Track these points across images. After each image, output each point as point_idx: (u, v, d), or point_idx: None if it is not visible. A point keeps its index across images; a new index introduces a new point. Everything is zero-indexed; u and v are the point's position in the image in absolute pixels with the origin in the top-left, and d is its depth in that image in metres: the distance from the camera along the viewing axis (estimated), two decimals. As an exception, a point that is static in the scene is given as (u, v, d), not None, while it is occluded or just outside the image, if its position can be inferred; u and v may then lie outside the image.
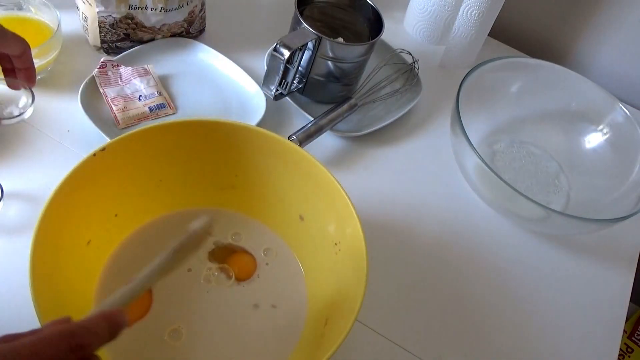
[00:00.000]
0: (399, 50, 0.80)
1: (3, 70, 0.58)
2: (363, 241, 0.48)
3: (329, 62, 0.70)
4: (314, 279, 0.56)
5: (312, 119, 0.71)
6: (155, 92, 0.70)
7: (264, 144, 0.54)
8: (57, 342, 0.32)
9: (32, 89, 0.60)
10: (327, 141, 0.73)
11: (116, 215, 0.53)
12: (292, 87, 0.72)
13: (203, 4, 0.76)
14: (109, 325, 0.34)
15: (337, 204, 0.51)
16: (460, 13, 0.81)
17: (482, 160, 0.64)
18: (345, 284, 0.50)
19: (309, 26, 0.67)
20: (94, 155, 0.48)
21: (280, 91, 0.70)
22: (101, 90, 0.68)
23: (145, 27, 0.72)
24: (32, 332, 0.33)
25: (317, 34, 0.67)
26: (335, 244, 0.53)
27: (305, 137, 0.67)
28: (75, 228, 0.49)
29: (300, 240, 0.57)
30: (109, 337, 0.34)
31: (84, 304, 0.50)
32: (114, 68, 0.70)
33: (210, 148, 0.55)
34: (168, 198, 0.57)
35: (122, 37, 0.72)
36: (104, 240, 0.53)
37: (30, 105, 0.59)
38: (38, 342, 0.32)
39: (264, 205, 0.59)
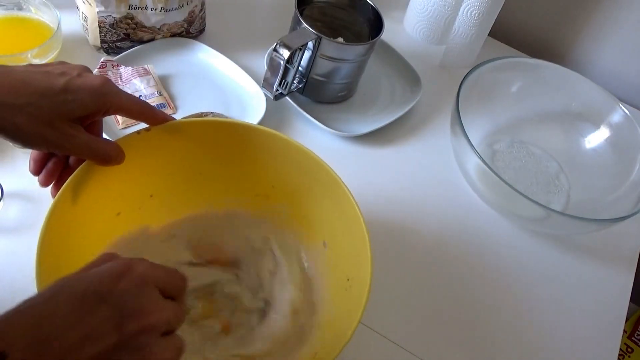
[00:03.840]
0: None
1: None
2: (367, 243, 0.48)
3: (329, 62, 0.70)
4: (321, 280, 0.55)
5: (313, 119, 0.71)
6: (156, 92, 0.70)
7: (302, 160, 0.53)
8: (175, 272, 0.39)
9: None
10: (327, 141, 0.73)
11: (118, 214, 0.53)
12: (292, 87, 0.72)
13: (203, 4, 0.76)
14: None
15: (343, 205, 0.51)
16: (460, 13, 0.81)
17: (482, 160, 0.64)
18: (348, 284, 0.50)
19: (309, 26, 0.67)
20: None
21: (280, 91, 0.70)
22: (101, 90, 0.68)
23: (145, 27, 0.72)
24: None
25: (317, 34, 0.67)
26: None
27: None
28: (82, 224, 0.49)
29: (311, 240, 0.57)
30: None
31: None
32: (114, 68, 0.70)
33: (249, 154, 0.55)
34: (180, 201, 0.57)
35: (122, 37, 0.72)
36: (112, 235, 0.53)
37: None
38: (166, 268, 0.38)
39: (293, 221, 0.58)
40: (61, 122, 0.42)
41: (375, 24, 0.73)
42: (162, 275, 0.37)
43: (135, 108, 0.47)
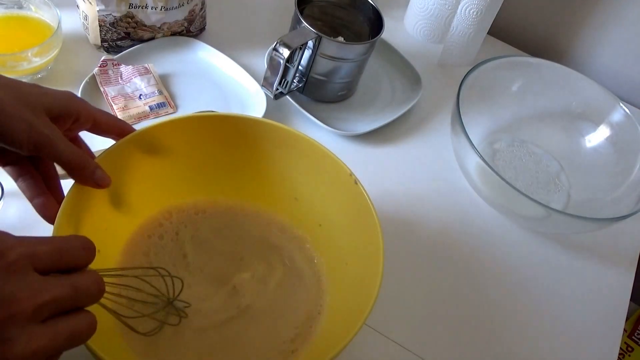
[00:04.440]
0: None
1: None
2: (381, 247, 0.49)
3: (329, 61, 0.70)
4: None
5: (313, 118, 0.71)
6: (156, 91, 0.70)
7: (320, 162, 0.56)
8: (73, 239, 0.36)
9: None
10: (328, 140, 0.72)
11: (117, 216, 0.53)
12: (292, 86, 0.71)
13: (203, 3, 0.76)
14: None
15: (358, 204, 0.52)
16: (458, 11, 0.80)
17: (483, 159, 0.64)
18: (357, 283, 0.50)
19: (309, 25, 0.67)
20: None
21: (280, 90, 0.70)
22: (101, 89, 0.68)
23: (145, 25, 0.72)
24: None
25: (317, 33, 0.67)
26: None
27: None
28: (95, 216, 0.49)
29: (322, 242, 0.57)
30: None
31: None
32: (115, 67, 0.70)
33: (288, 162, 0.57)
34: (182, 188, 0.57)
35: (123, 35, 0.72)
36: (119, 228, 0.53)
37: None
38: (54, 238, 0.35)
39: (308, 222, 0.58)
40: (42, 111, 0.41)
41: (376, 23, 0.73)
42: (49, 252, 0.33)
43: (104, 119, 0.47)
